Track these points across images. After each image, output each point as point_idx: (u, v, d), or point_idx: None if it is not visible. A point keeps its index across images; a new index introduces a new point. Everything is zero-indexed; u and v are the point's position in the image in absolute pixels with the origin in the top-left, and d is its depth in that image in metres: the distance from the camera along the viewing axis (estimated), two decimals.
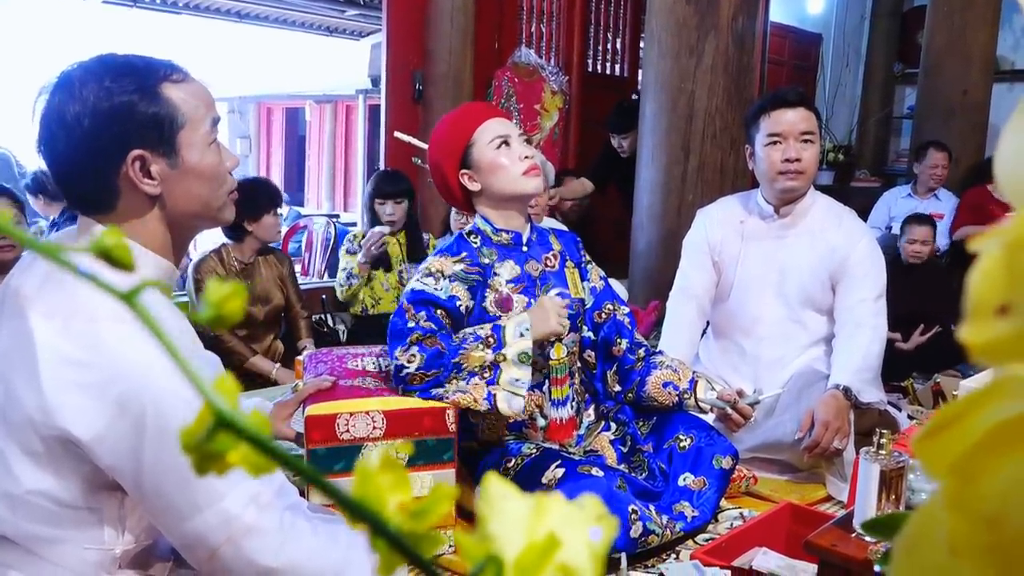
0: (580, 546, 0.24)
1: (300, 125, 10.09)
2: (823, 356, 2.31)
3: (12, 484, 1.04)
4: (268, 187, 3.27)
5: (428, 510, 0.24)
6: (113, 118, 1.08)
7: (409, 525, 0.23)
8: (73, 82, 1.08)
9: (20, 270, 1.12)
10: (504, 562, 0.23)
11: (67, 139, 1.08)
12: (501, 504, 0.24)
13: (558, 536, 0.24)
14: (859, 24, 7.34)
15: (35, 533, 1.06)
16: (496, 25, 4.79)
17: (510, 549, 0.24)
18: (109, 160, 1.10)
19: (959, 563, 0.21)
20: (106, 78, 1.08)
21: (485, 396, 1.72)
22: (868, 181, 6.63)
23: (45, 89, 1.10)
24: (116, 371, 1.00)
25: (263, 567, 1.06)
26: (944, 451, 0.21)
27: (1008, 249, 0.19)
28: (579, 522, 0.25)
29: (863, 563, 1.22)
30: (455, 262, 1.85)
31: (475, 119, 1.89)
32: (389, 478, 0.24)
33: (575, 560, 0.24)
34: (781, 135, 2.22)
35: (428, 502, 0.24)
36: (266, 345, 3.25)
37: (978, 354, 0.20)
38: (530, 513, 0.25)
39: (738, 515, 1.93)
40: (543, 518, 0.25)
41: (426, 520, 0.24)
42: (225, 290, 0.26)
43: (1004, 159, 0.21)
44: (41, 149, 1.12)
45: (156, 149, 1.11)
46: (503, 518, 0.24)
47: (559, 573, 0.24)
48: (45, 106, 1.09)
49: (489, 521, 0.24)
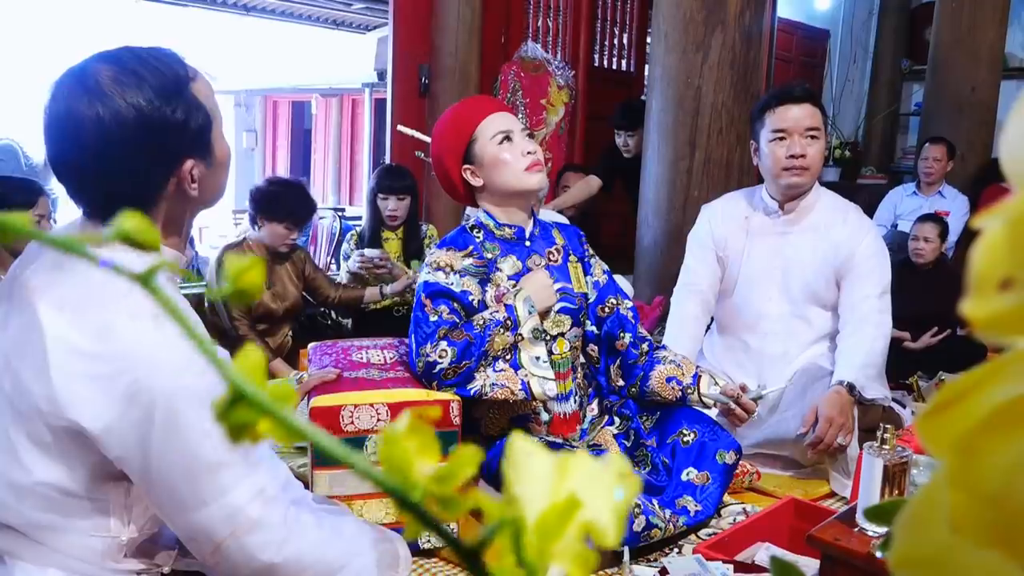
0: (603, 505, 0.24)
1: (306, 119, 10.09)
2: (827, 352, 2.31)
3: (20, 474, 1.05)
4: (293, 198, 3.10)
5: (453, 474, 0.24)
6: (165, 131, 1.07)
7: (434, 488, 0.24)
8: (106, 86, 1.05)
9: (25, 261, 1.12)
10: (524, 523, 0.23)
11: (106, 145, 1.05)
12: (525, 463, 0.25)
13: (579, 496, 0.24)
14: (867, 20, 7.31)
15: (41, 522, 1.07)
16: (503, 19, 4.78)
17: (533, 509, 0.24)
18: (160, 169, 1.11)
19: (960, 540, 0.21)
20: (147, 87, 1.07)
21: (521, 386, 1.76)
22: (874, 178, 6.61)
23: (66, 86, 1.06)
24: (126, 363, 1.00)
25: (265, 562, 1.07)
26: (947, 430, 0.21)
27: (1011, 224, 0.19)
28: (603, 480, 0.25)
29: (866, 558, 1.22)
30: (463, 256, 1.85)
31: (478, 114, 1.89)
32: (416, 442, 0.24)
33: (598, 519, 0.24)
34: (786, 131, 2.21)
35: (452, 466, 0.24)
36: (280, 339, 3.27)
37: (980, 328, 0.20)
38: (554, 472, 0.25)
39: (741, 510, 1.93)
40: (567, 477, 0.25)
41: (450, 484, 0.24)
42: (243, 264, 0.26)
43: (1010, 141, 0.22)
44: (64, 148, 1.07)
45: (200, 155, 1.13)
46: (527, 478, 0.24)
47: (581, 532, 0.24)
48: (71, 107, 1.05)
49: (513, 482, 0.24)
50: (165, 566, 1.17)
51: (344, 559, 1.15)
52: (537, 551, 0.23)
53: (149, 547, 1.16)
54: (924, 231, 3.51)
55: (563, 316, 1.92)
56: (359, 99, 8.86)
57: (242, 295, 0.27)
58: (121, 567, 1.12)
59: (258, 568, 1.07)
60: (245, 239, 3.18)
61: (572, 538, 0.24)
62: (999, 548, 0.21)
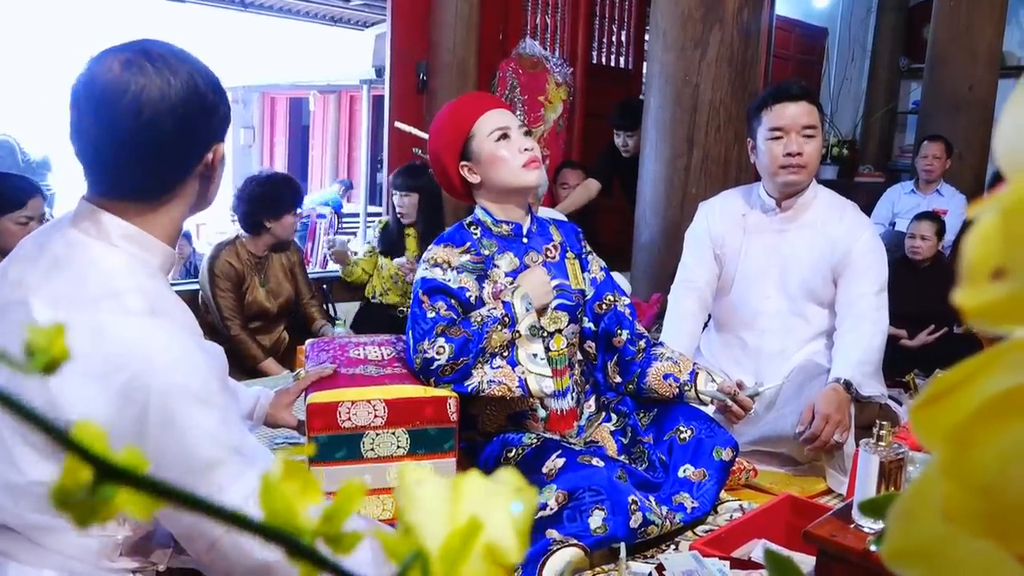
0: (503, 523, 0.24)
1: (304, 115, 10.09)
2: (824, 350, 2.31)
3: (15, 474, 1.04)
4: (292, 186, 3.23)
5: (340, 511, 0.23)
6: (204, 112, 1.11)
7: (323, 529, 0.23)
8: (155, 63, 1.06)
9: (19, 261, 1.11)
10: (427, 554, 0.23)
11: (151, 120, 1.06)
12: (418, 491, 0.24)
13: (479, 518, 0.23)
14: (865, 18, 7.32)
15: (37, 523, 1.06)
16: (501, 16, 4.78)
17: (433, 538, 0.23)
18: (195, 151, 1.13)
19: (953, 530, 0.21)
20: (192, 68, 1.10)
21: (518, 383, 1.75)
22: (872, 176, 6.62)
23: (109, 63, 1.06)
24: (121, 360, 1.00)
25: (260, 561, 1.06)
26: (941, 420, 0.21)
27: (1004, 214, 0.19)
28: (500, 498, 0.24)
29: (861, 554, 1.22)
30: (461, 252, 1.85)
31: (474, 111, 1.88)
32: (295, 485, 0.24)
33: (500, 538, 0.24)
34: (783, 129, 2.21)
35: (338, 503, 0.23)
36: (275, 337, 3.26)
37: (972, 317, 0.20)
38: (449, 496, 0.24)
39: (738, 507, 1.93)
40: (463, 500, 0.24)
41: (338, 522, 0.23)
42: (297, 478, 0.25)
43: (1005, 132, 0.22)
44: (103, 124, 1.07)
45: (223, 141, 1.17)
46: (422, 506, 0.24)
47: (485, 554, 0.23)
48: (117, 82, 1.05)
49: (408, 511, 0.24)
50: (160, 564, 1.17)
51: None
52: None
53: (144, 545, 1.16)
54: (921, 229, 3.52)
55: (560, 313, 1.92)
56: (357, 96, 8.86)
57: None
58: (116, 566, 1.12)
59: (253, 566, 1.07)
60: (237, 237, 3.18)
61: (477, 560, 0.23)
62: (992, 538, 0.21)
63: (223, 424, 1.06)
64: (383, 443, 1.68)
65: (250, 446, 1.11)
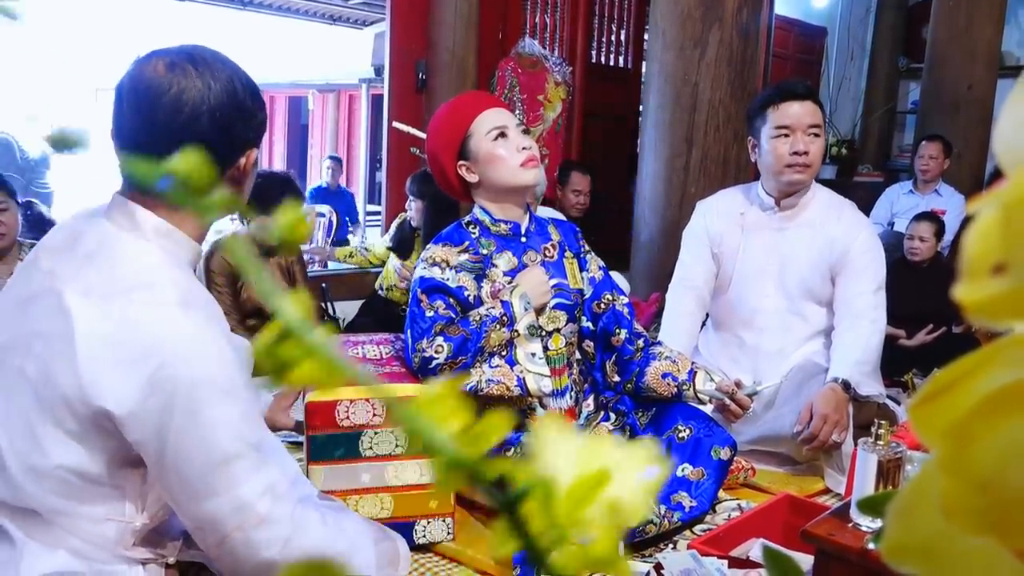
0: (631, 483, 0.25)
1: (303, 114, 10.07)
2: (823, 349, 2.31)
3: (40, 457, 1.06)
4: (283, 185, 3.16)
5: (484, 434, 0.24)
6: (244, 116, 1.14)
7: (466, 447, 0.24)
8: (202, 65, 1.10)
9: (51, 251, 1.13)
10: (555, 489, 0.24)
11: (193, 119, 1.09)
12: (555, 441, 0.25)
13: (609, 471, 0.24)
14: (864, 18, 7.32)
15: (58, 506, 1.08)
16: (500, 15, 4.78)
17: (563, 480, 0.24)
18: (233, 154, 1.15)
19: (952, 527, 0.21)
20: (236, 71, 1.14)
21: (516, 382, 1.76)
22: (871, 176, 6.62)
23: (156, 63, 1.09)
24: (150, 350, 1.02)
25: (267, 559, 1.07)
26: (940, 417, 0.21)
27: (1005, 209, 0.19)
28: (631, 462, 0.25)
29: (860, 553, 1.22)
30: (459, 252, 1.85)
31: (472, 110, 1.88)
32: (450, 404, 0.24)
33: (625, 497, 0.24)
34: (789, 128, 2.21)
35: (484, 426, 0.24)
36: None
37: (972, 312, 0.20)
38: (583, 451, 0.25)
39: (736, 506, 1.94)
40: (595, 457, 0.25)
41: (484, 443, 0.24)
42: (293, 214, 0.27)
43: (1004, 129, 0.22)
44: (134, 130, 1.10)
45: (258, 145, 1.20)
46: (556, 454, 0.24)
47: (609, 508, 0.24)
48: (165, 81, 1.08)
49: (542, 456, 0.24)
50: (170, 556, 1.18)
51: (345, 557, 1.16)
52: (566, 516, 0.23)
53: (157, 537, 1.18)
54: (920, 230, 3.51)
55: (559, 312, 1.92)
56: (356, 95, 8.85)
57: (289, 248, 0.27)
58: (129, 554, 1.13)
59: (260, 564, 1.08)
60: (234, 235, 3.16)
61: (600, 509, 0.24)
62: (991, 534, 0.21)
63: (245, 418, 1.08)
64: (382, 442, 1.67)
65: (268, 442, 1.13)
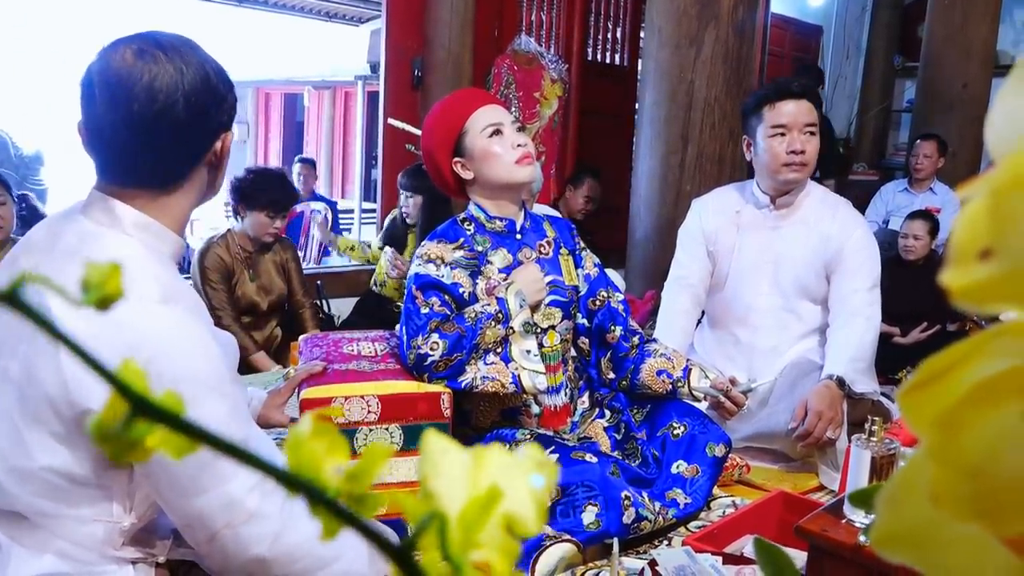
0: (522, 494, 0.24)
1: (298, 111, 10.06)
2: (817, 346, 2.32)
3: (25, 459, 1.05)
4: (278, 182, 3.12)
5: (365, 471, 0.24)
6: (216, 100, 1.12)
7: (347, 488, 0.23)
8: (169, 51, 1.08)
9: (31, 250, 1.12)
10: (446, 517, 0.23)
11: (166, 107, 1.07)
12: (440, 459, 0.24)
13: (499, 487, 0.24)
14: (860, 16, 7.33)
15: (44, 508, 1.07)
16: (496, 12, 4.77)
17: (452, 504, 0.24)
18: (205, 140, 1.14)
19: (941, 514, 0.21)
20: (203, 56, 1.12)
21: (511, 379, 1.76)
22: (866, 174, 6.64)
23: (123, 51, 1.07)
24: (132, 347, 1.00)
25: (256, 556, 1.07)
26: (929, 405, 0.22)
27: (993, 195, 0.19)
28: (519, 471, 0.25)
29: (853, 549, 1.23)
30: (454, 248, 1.85)
31: (467, 107, 1.88)
32: (324, 443, 0.24)
33: (518, 509, 0.24)
34: (786, 126, 2.21)
35: (364, 463, 0.24)
36: (267, 333, 3.24)
37: (959, 298, 0.20)
38: (470, 466, 0.25)
39: (730, 503, 1.94)
40: (483, 470, 0.24)
41: (363, 482, 0.24)
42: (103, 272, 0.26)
43: (995, 120, 0.22)
44: (117, 111, 1.07)
45: (230, 128, 1.18)
46: (443, 473, 0.24)
47: (503, 523, 0.24)
48: (131, 70, 1.06)
49: (430, 477, 0.24)
50: (160, 555, 1.17)
51: (336, 552, 1.15)
52: (460, 544, 0.23)
53: (146, 536, 1.17)
54: (914, 229, 3.52)
55: (553, 309, 1.92)
56: (352, 92, 8.83)
57: (103, 302, 0.26)
58: (118, 554, 1.12)
59: (249, 561, 1.07)
60: (229, 231, 3.16)
61: (494, 529, 0.23)
62: (980, 521, 0.21)
63: (232, 414, 1.07)
64: (376, 439, 1.67)
65: (255, 438, 1.12)
